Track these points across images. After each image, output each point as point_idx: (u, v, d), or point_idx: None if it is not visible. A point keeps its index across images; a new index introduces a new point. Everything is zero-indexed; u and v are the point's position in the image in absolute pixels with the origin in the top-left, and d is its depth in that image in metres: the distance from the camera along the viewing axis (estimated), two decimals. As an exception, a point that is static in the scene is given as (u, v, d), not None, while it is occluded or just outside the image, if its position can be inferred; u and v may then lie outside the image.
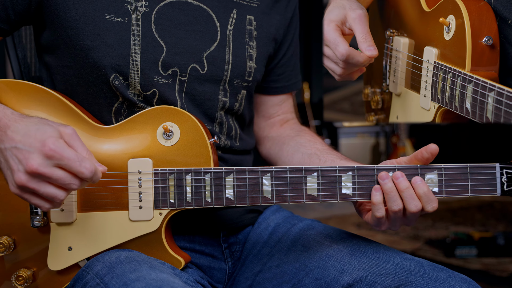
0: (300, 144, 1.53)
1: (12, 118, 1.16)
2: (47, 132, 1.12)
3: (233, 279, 1.48)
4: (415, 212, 1.23)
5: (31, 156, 1.10)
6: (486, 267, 3.40)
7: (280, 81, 1.61)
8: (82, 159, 1.11)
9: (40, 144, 1.10)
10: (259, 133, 1.64)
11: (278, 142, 1.59)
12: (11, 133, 1.13)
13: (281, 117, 1.64)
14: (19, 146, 1.12)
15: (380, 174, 1.25)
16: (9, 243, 1.28)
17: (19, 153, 1.11)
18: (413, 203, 1.23)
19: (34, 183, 1.11)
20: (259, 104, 1.63)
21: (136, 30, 1.34)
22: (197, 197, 1.27)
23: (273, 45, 1.54)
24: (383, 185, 1.24)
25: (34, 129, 1.13)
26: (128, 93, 1.35)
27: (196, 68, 1.39)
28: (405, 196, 1.23)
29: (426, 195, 1.23)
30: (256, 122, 1.64)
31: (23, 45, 1.67)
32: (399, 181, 1.24)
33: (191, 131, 1.29)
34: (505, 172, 1.25)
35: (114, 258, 1.22)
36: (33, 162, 1.09)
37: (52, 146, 1.10)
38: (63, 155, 1.10)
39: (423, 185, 1.24)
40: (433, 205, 1.24)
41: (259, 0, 1.50)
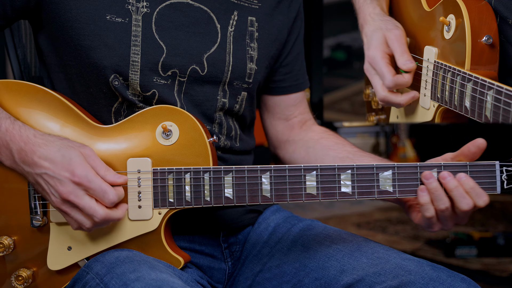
0: (329, 148, 1.52)
1: (36, 143, 1.22)
2: (72, 159, 1.20)
3: (233, 279, 1.48)
4: (467, 210, 1.22)
5: (62, 184, 1.19)
6: (486, 267, 3.40)
7: (288, 80, 1.60)
8: (105, 190, 1.20)
9: (69, 173, 1.19)
10: (278, 137, 1.63)
11: (303, 145, 1.57)
12: (38, 160, 1.21)
13: (299, 118, 1.63)
14: (48, 172, 1.20)
15: (423, 174, 1.24)
16: (9, 243, 1.29)
17: (50, 180, 1.20)
18: (464, 202, 1.22)
19: (66, 207, 1.21)
20: (273, 106, 1.61)
21: (137, 31, 1.34)
22: (196, 196, 1.27)
23: (276, 46, 1.53)
24: (427, 185, 1.23)
25: (59, 156, 1.20)
26: (127, 93, 1.35)
27: (196, 70, 1.39)
28: (455, 195, 1.22)
29: (474, 190, 1.22)
30: (273, 125, 1.63)
31: (23, 45, 1.66)
32: (447, 180, 1.22)
33: (190, 130, 1.28)
34: (505, 169, 1.24)
35: (113, 258, 1.23)
36: (64, 190, 1.19)
37: (80, 175, 1.19)
38: (89, 186, 1.19)
39: (468, 180, 1.22)
40: (483, 198, 1.22)
41: (260, 1, 1.49)
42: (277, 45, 1.54)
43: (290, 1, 1.55)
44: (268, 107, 1.62)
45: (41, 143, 1.21)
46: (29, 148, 1.21)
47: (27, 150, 1.21)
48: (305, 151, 1.56)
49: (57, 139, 1.23)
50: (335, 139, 1.55)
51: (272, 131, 1.63)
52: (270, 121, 1.63)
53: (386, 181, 1.26)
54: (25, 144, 1.21)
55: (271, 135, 1.64)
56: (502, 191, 1.25)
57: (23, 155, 1.21)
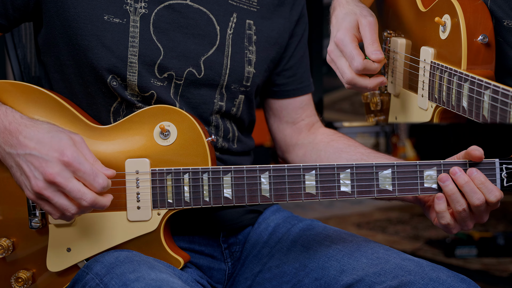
0: (341, 150, 1.51)
1: (23, 123, 1.17)
2: (62, 140, 1.14)
3: (233, 280, 1.48)
4: (478, 205, 1.22)
5: (49, 165, 1.12)
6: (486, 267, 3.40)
7: (292, 83, 1.58)
8: (96, 174, 1.14)
9: (58, 153, 1.13)
10: (285, 141, 1.62)
11: (313, 149, 1.56)
12: (23, 139, 1.15)
13: (306, 121, 1.62)
14: (34, 153, 1.14)
15: (440, 177, 1.24)
16: (8, 245, 1.28)
17: (35, 160, 1.13)
18: (475, 197, 1.21)
19: (50, 191, 1.13)
20: (279, 110, 1.60)
21: (135, 32, 1.34)
22: (195, 196, 1.27)
23: (276, 49, 1.52)
24: (444, 187, 1.23)
25: (48, 136, 1.15)
26: (126, 93, 1.35)
27: (192, 72, 1.39)
28: (466, 190, 1.22)
29: (484, 185, 1.22)
30: (281, 129, 1.61)
31: (23, 45, 1.67)
32: (458, 175, 1.22)
33: (188, 130, 1.28)
34: (504, 167, 1.24)
35: (113, 258, 1.22)
36: (51, 171, 1.12)
37: (70, 155, 1.13)
38: (79, 167, 1.13)
39: (479, 175, 1.22)
40: (495, 194, 1.22)
41: (259, 5, 1.49)
42: (277, 49, 1.53)
43: (291, 4, 1.54)
44: (274, 111, 1.61)
45: (28, 124, 1.17)
46: (14, 127, 1.16)
47: (12, 129, 1.16)
48: (317, 154, 1.55)
49: (45, 122, 1.19)
50: (346, 141, 1.54)
51: (280, 135, 1.62)
52: (277, 125, 1.62)
53: (386, 180, 1.26)
54: (9, 123, 1.17)
55: (279, 139, 1.63)
56: (502, 188, 1.24)
57: (7, 135, 1.16)
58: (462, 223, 1.25)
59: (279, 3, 1.52)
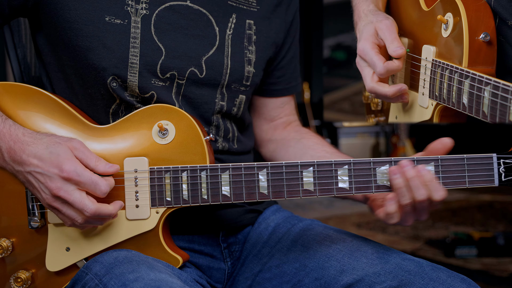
0: (308, 147, 1.54)
1: (25, 142, 1.22)
2: (60, 155, 1.19)
3: (232, 279, 1.48)
4: (421, 201, 1.22)
5: (52, 180, 1.19)
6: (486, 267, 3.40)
7: (280, 83, 1.61)
8: (96, 182, 1.20)
9: (57, 169, 1.18)
10: (261, 136, 1.64)
11: (283, 145, 1.59)
12: (26, 157, 1.21)
13: (284, 119, 1.64)
14: (37, 170, 1.20)
15: (390, 169, 1.24)
16: (7, 245, 1.29)
17: (40, 177, 1.20)
18: (419, 192, 1.22)
19: (58, 204, 1.20)
20: (260, 107, 1.63)
21: (136, 32, 1.34)
22: (194, 194, 1.26)
23: (273, 49, 1.54)
24: (392, 180, 1.23)
25: (47, 153, 1.20)
26: (125, 95, 1.35)
27: (194, 72, 1.39)
28: (412, 185, 1.22)
29: (432, 183, 1.22)
30: (258, 124, 1.64)
31: (23, 45, 1.67)
32: (406, 169, 1.23)
33: (186, 129, 1.28)
34: (502, 162, 1.24)
35: (112, 258, 1.22)
36: (54, 186, 1.19)
37: (68, 170, 1.18)
38: (79, 180, 1.19)
39: (427, 173, 1.22)
40: (440, 193, 1.22)
41: (259, 5, 1.50)
42: (274, 48, 1.54)
43: (287, 4, 1.56)
44: (255, 107, 1.63)
45: (29, 141, 1.21)
46: (18, 146, 1.21)
47: (16, 148, 1.21)
48: (285, 150, 1.57)
49: (45, 136, 1.23)
50: (315, 139, 1.57)
51: (257, 130, 1.64)
52: (255, 120, 1.64)
53: (384, 176, 1.26)
54: (14, 143, 1.22)
55: (255, 133, 1.65)
56: (500, 183, 1.24)
57: (13, 154, 1.22)
58: (404, 218, 1.25)
59: (277, 3, 1.53)
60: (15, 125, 1.24)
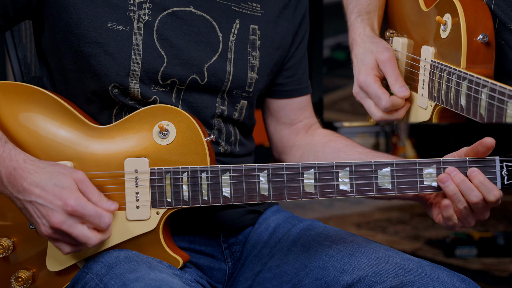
0: (339, 150, 1.51)
1: (26, 169, 1.18)
2: (64, 188, 1.16)
3: (233, 279, 1.48)
4: (476, 203, 1.22)
5: (54, 214, 1.16)
6: (486, 267, 3.40)
7: (290, 84, 1.58)
8: (100, 214, 1.18)
9: (61, 202, 1.15)
10: (282, 142, 1.61)
11: (310, 149, 1.56)
12: (28, 186, 1.17)
13: (304, 122, 1.61)
14: (39, 201, 1.16)
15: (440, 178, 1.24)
16: (8, 244, 1.28)
17: (41, 208, 1.17)
18: (472, 194, 1.22)
19: (58, 235, 1.18)
20: (276, 111, 1.60)
21: (138, 39, 1.33)
22: (194, 195, 1.26)
23: (280, 53, 1.52)
24: (445, 188, 1.23)
25: (51, 184, 1.16)
26: (127, 100, 1.34)
27: (195, 79, 1.38)
28: (463, 189, 1.22)
29: (483, 184, 1.22)
30: (278, 130, 1.61)
31: (23, 45, 1.67)
32: (454, 174, 1.23)
33: (187, 129, 1.28)
34: (505, 165, 1.24)
35: (113, 258, 1.23)
36: (57, 220, 1.16)
37: (73, 204, 1.16)
38: (84, 213, 1.16)
39: (479, 174, 1.22)
40: (494, 193, 1.22)
41: (263, 9, 1.48)
42: (281, 52, 1.52)
43: (295, 6, 1.54)
44: (272, 111, 1.60)
45: (31, 169, 1.18)
46: (18, 173, 1.18)
47: (16, 175, 1.18)
48: (314, 155, 1.54)
49: (48, 165, 1.20)
50: (344, 141, 1.54)
51: (277, 136, 1.61)
52: (274, 126, 1.61)
53: (385, 178, 1.26)
54: (14, 169, 1.18)
55: (275, 140, 1.62)
56: (502, 186, 1.24)
57: (12, 180, 1.18)
58: (464, 221, 1.25)
59: (284, 5, 1.52)
60: (16, 149, 1.21)
